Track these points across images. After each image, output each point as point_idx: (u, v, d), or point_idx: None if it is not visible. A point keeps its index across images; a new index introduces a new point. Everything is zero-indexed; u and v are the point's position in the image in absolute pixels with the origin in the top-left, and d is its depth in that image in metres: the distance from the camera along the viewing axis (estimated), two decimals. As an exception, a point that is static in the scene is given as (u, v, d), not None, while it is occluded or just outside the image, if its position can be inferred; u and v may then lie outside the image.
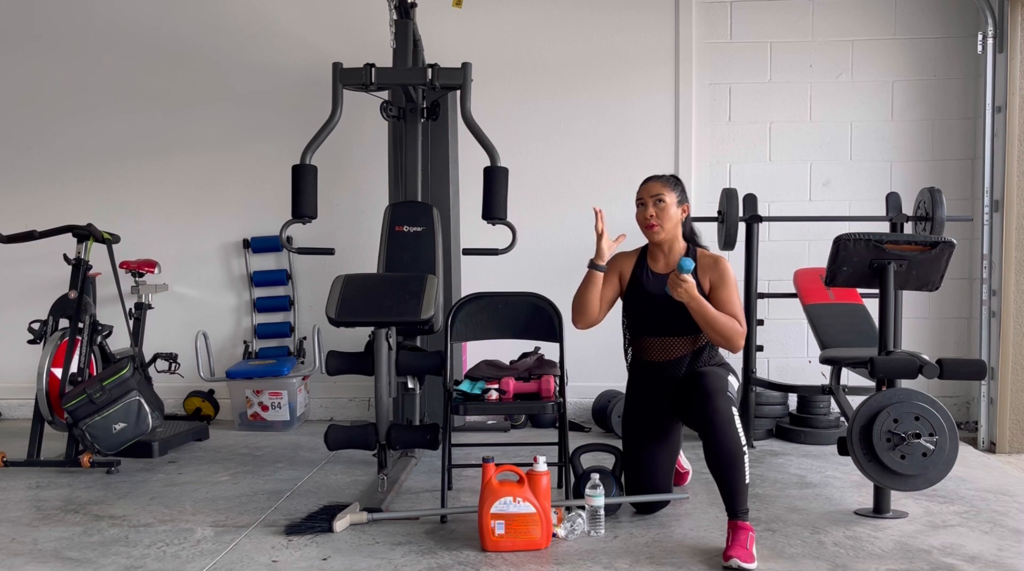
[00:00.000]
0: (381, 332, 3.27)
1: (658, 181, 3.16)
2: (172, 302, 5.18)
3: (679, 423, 3.23)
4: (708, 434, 2.85)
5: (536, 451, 3.28)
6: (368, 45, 4.49)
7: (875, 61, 4.98)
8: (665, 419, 3.19)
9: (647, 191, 3.14)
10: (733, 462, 2.80)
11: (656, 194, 3.12)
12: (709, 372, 3.03)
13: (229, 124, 5.19)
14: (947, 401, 4.52)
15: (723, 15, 5.04)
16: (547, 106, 5.07)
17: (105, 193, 5.20)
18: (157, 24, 5.19)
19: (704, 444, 2.88)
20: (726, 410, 2.85)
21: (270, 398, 4.79)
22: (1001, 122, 4.42)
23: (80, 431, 3.82)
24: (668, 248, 3.17)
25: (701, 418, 2.88)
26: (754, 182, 4.88)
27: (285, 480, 3.73)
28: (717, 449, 2.82)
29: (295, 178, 3.63)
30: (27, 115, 5.26)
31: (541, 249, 4.83)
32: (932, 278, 3.18)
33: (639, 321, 3.19)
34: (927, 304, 4.97)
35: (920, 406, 2.96)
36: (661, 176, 3.20)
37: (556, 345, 3.48)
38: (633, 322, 3.21)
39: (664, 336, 3.12)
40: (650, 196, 3.12)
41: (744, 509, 2.78)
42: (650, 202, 3.11)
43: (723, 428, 2.82)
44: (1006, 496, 3.45)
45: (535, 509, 2.79)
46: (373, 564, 2.72)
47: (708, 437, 2.85)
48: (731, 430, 2.82)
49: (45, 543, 2.95)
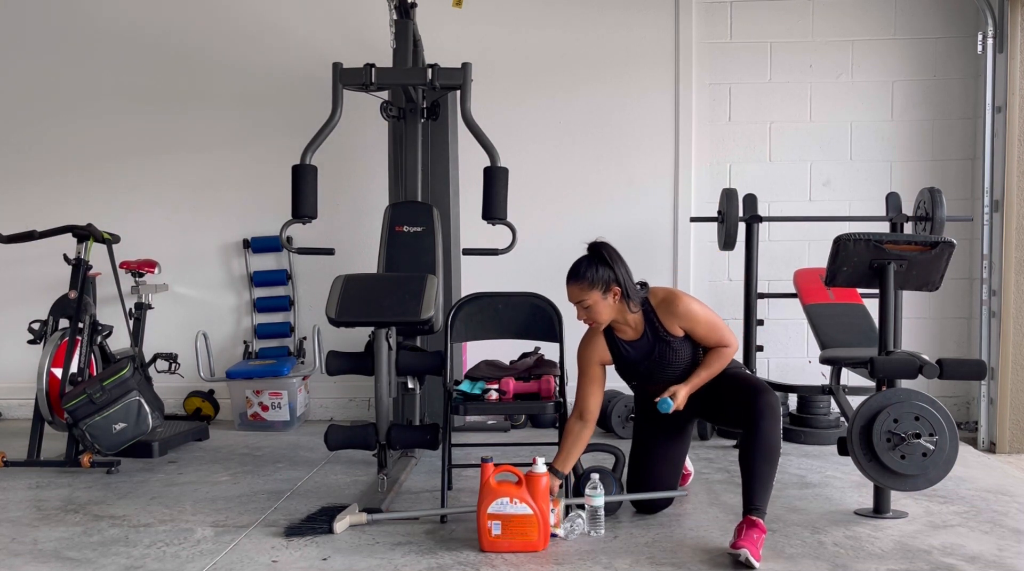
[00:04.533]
0: (381, 332, 3.27)
1: (575, 284, 2.97)
2: (172, 302, 5.18)
3: (693, 424, 3.25)
4: (756, 426, 2.85)
5: (536, 451, 3.27)
6: (368, 45, 4.50)
7: (875, 61, 4.98)
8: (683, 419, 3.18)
9: (569, 296, 3.01)
10: (771, 457, 2.83)
11: (578, 301, 2.98)
12: (744, 374, 3.10)
13: (229, 124, 5.19)
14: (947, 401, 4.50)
15: (723, 15, 5.04)
16: (547, 106, 5.07)
17: (105, 193, 5.20)
18: (157, 24, 5.19)
19: (746, 436, 2.89)
20: (776, 407, 2.89)
21: (270, 398, 4.79)
22: (1001, 122, 4.42)
23: (80, 431, 3.81)
24: (623, 320, 3.05)
25: (749, 410, 2.88)
26: (754, 182, 4.88)
27: (285, 480, 3.73)
28: (762, 441, 2.83)
29: (295, 178, 3.63)
30: (27, 115, 5.26)
31: (541, 249, 4.82)
32: (932, 278, 3.18)
33: (636, 378, 3.19)
34: (927, 304, 4.97)
35: (920, 406, 2.96)
36: (575, 275, 2.97)
37: (556, 345, 3.48)
38: (631, 378, 3.21)
39: (662, 383, 3.08)
40: (574, 302, 3.00)
41: (763, 508, 2.79)
42: (577, 307, 3.02)
43: (772, 422, 2.85)
44: (1006, 496, 3.45)
45: (532, 511, 2.79)
46: (373, 564, 2.72)
47: (755, 429, 2.85)
48: (777, 427, 2.87)
49: (45, 543, 2.95)
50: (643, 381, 3.17)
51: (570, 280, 2.99)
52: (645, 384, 3.18)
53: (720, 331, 3.04)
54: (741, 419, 2.93)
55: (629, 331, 3.08)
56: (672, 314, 3.02)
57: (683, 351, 3.05)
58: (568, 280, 2.99)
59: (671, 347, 3.04)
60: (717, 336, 3.03)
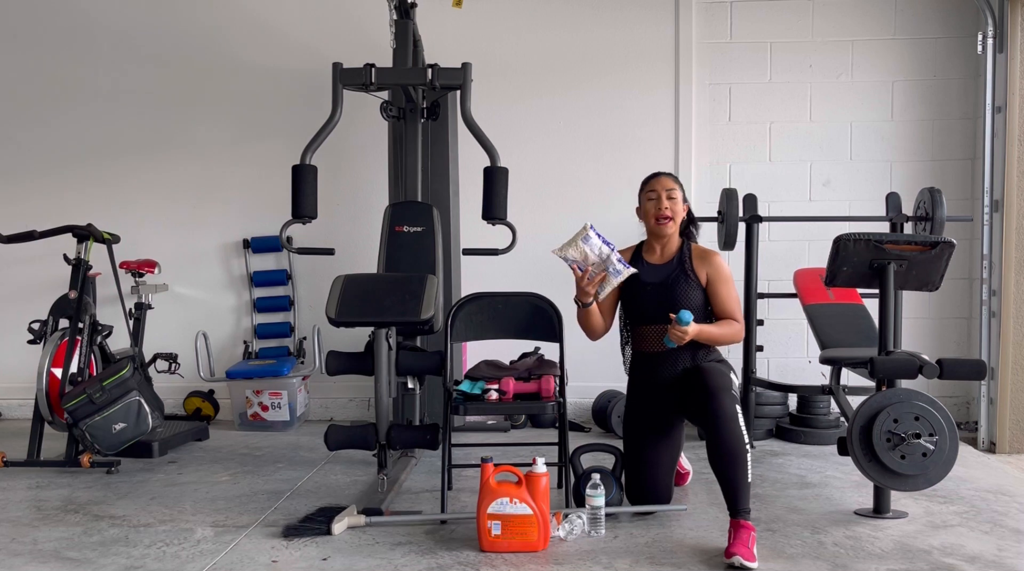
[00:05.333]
0: (381, 332, 3.27)
1: (669, 177, 3.28)
2: (172, 302, 5.18)
3: (682, 420, 3.25)
4: (712, 431, 2.87)
5: (536, 451, 3.28)
6: (368, 45, 4.49)
7: (875, 61, 4.98)
8: (668, 414, 3.19)
9: (660, 185, 3.24)
10: (736, 460, 2.81)
11: (669, 189, 3.23)
12: (712, 369, 3.05)
13: (229, 124, 5.19)
14: (947, 401, 4.51)
15: (723, 15, 5.04)
16: (547, 106, 5.07)
17: (105, 193, 5.20)
18: (158, 24, 5.19)
19: (707, 441, 2.89)
20: (730, 407, 2.88)
21: (270, 398, 4.79)
22: (1001, 122, 4.42)
23: (80, 431, 3.81)
24: (667, 242, 3.26)
25: (705, 415, 2.90)
26: (754, 182, 4.88)
27: (285, 480, 3.73)
28: (721, 447, 2.83)
29: (295, 178, 3.63)
30: (27, 115, 5.26)
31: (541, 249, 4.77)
32: (932, 278, 3.18)
33: (638, 312, 3.22)
34: (927, 304, 4.97)
35: (920, 406, 2.96)
36: (669, 173, 3.32)
37: (556, 345, 3.48)
38: (632, 314, 3.25)
39: (663, 324, 3.10)
40: (664, 190, 3.21)
41: (746, 508, 2.78)
42: (663, 195, 3.20)
43: (727, 425, 2.84)
44: (1006, 496, 3.45)
45: (532, 511, 2.79)
46: (373, 564, 2.72)
47: (712, 434, 2.87)
48: (735, 428, 2.84)
49: (45, 543, 2.95)
50: (641, 313, 3.19)
51: (665, 174, 3.30)
52: (641, 319, 3.20)
53: (736, 303, 3.22)
54: (701, 423, 3.00)
55: (658, 253, 3.26)
56: (705, 259, 3.22)
57: (695, 294, 3.16)
58: (661, 173, 3.29)
59: (688, 282, 3.17)
60: (732, 306, 3.20)
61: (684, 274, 3.18)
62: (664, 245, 3.26)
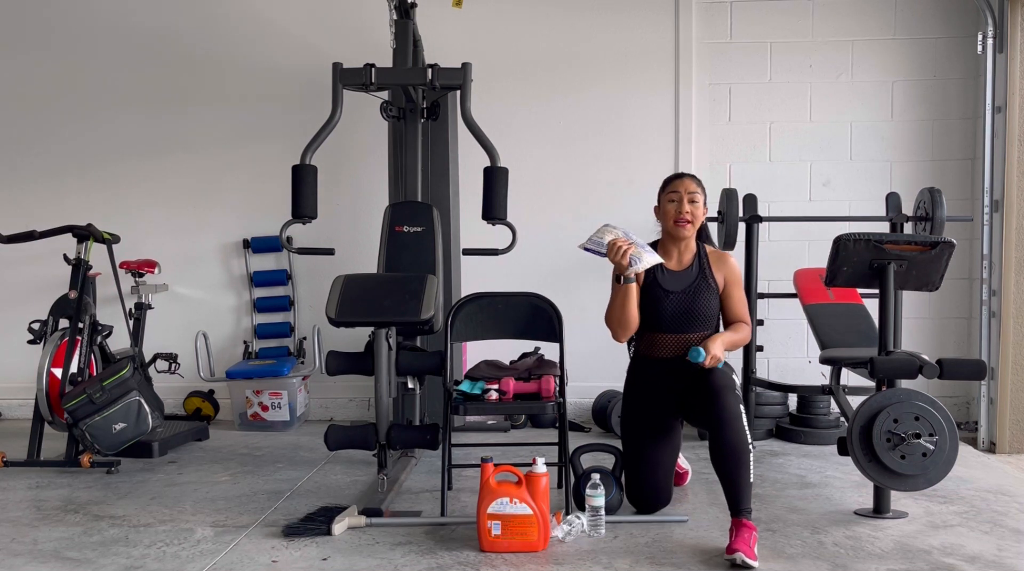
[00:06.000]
0: (381, 332, 3.27)
1: (692, 180, 3.24)
2: (172, 302, 5.18)
3: (680, 421, 3.25)
4: (715, 430, 2.87)
5: (536, 451, 3.28)
6: (368, 45, 4.49)
7: (875, 61, 4.98)
8: (668, 416, 3.20)
9: (684, 187, 3.20)
10: (739, 459, 2.81)
11: (692, 192, 3.19)
12: (716, 370, 3.05)
13: (229, 124, 5.19)
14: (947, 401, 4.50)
15: (723, 15, 5.04)
16: (547, 106, 5.07)
17: (105, 193, 5.20)
18: (158, 24, 5.19)
19: (711, 440, 2.89)
20: (734, 407, 2.89)
21: (270, 398, 4.79)
22: (1001, 122, 4.42)
23: (80, 431, 3.81)
24: (684, 246, 3.23)
25: (709, 414, 2.90)
26: (754, 182, 4.87)
27: (285, 480, 3.73)
28: (724, 446, 2.83)
29: (295, 178, 3.63)
30: (27, 115, 5.26)
31: (541, 249, 4.82)
32: (932, 278, 3.18)
33: (655, 319, 3.19)
34: (927, 304, 4.97)
35: (920, 406, 2.96)
36: (693, 175, 3.28)
37: (556, 345, 3.48)
38: (648, 320, 3.20)
39: (680, 333, 3.15)
40: (687, 192, 3.19)
41: (748, 508, 2.78)
42: (686, 198, 3.17)
43: (731, 424, 2.85)
44: (1006, 496, 3.45)
45: (532, 511, 2.79)
46: (373, 564, 2.72)
47: (715, 433, 2.87)
48: (739, 427, 2.85)
49: (45, 543, 2.95)
50: (658, 320, 3.16)
51: (688, 175, 3.26)
52: (657, 326, 3.17)
53: (746, 306, 3.28)
54: (705, 423, 2.99)
55: (675, 259, 3.23)
56: (722, 262, 3.24)
57: (713, 302, 3.18)
58: (684, 175, 3.27)
59: (709, 288, 3.17)
60: (743, 309, 3.24)
61: (705, 282, 3.18)
62: (681, 249, 3.23)
